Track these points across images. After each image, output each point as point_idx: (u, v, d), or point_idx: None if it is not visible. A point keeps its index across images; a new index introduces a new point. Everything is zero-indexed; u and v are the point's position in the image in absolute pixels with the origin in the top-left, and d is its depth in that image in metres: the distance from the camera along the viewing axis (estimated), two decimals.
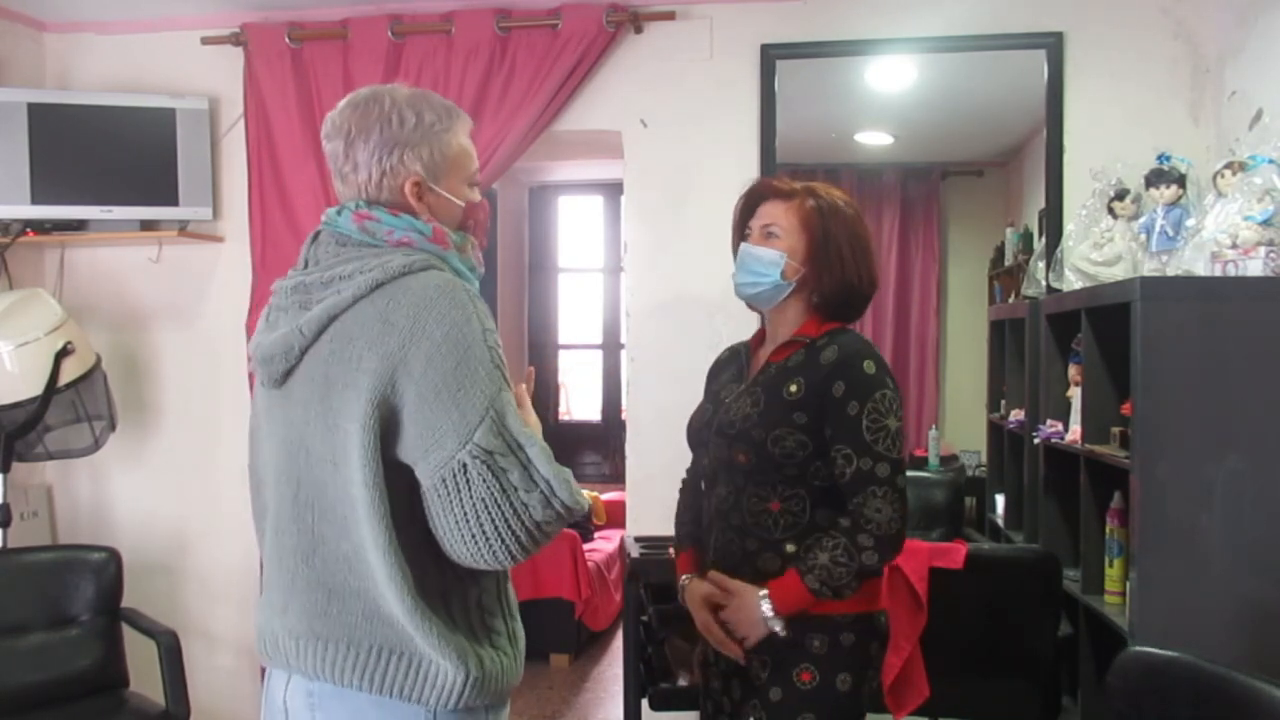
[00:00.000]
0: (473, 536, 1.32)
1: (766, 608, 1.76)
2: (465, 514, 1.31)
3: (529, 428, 1.37)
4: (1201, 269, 2.26)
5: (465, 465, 1.30)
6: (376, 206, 1.47)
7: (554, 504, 1.33)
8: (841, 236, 1.84)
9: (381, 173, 1.46)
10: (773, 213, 1.88)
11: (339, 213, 1.48)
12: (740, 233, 1.94)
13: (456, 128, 1.52)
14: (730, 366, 1.99)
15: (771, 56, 3.18)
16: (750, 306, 1.98)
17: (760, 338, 1.98)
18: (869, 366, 1.77)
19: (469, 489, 1.31)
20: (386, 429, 1.34)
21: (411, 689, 1.38)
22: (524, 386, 1.54)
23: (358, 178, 1.48)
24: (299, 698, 1.45)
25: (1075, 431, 2.65)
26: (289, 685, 1.47)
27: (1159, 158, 2.61)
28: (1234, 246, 2.21)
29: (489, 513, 1.31)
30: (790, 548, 1.80)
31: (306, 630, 1.42)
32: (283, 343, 1.42)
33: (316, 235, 1.51)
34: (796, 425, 1.78)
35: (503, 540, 1.32)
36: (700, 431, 1.95)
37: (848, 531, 1.74)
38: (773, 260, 1.85)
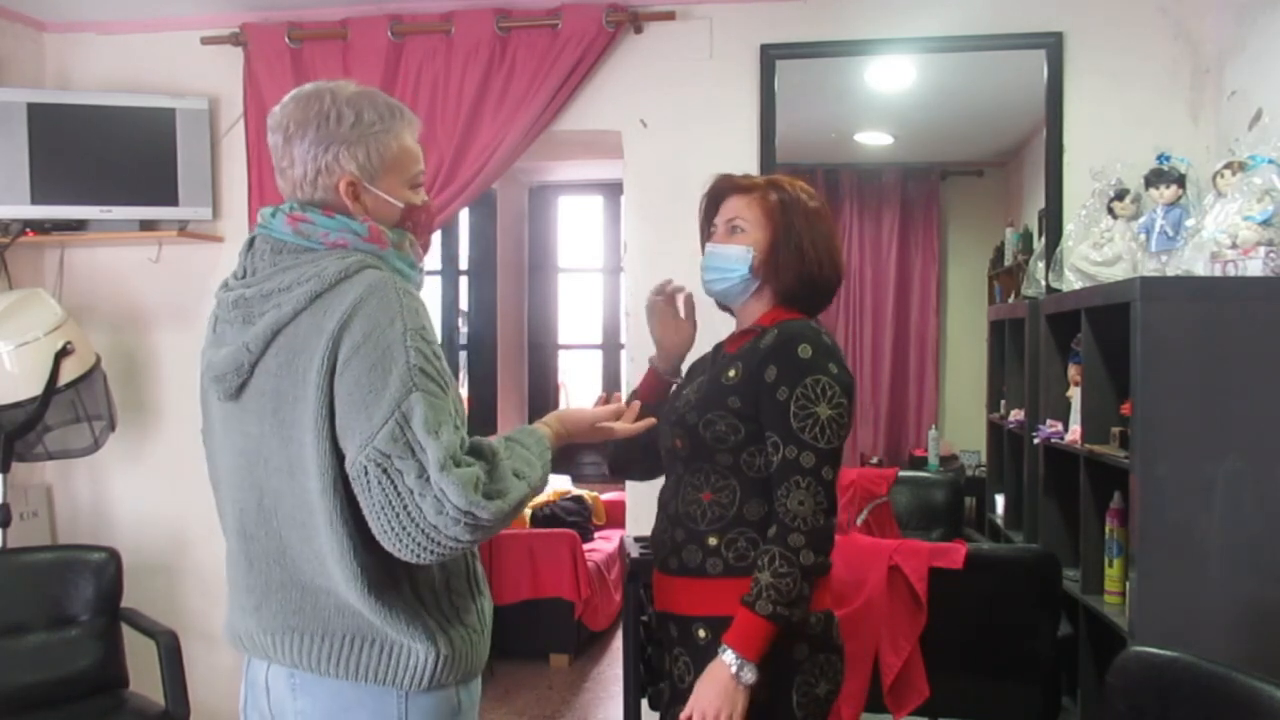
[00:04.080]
0: (381, 533, 1.34)
1: (730, 658, 1.63)
2: (370, 511, 1.34)
3: (446, 431, 1.33)
4: (1201, 269, 2.26)
5: (365, 468, 1.33)
6: (310, 208, 1.47)
7: (447, 508, 1.32)
8: (803, 229, 1.81)
9: (316, 170, 1.46)
10: (736, 206, 1.86)
11: (273, 215, 1.48)
12: (706, 231, 1.93)
13: (398, 128, 1.50)
14: (704, 363, 1.96)
15: (771, 56, 3.18)
16: (720, 306, 1.95)
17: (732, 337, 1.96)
18: (804, 350, 1.71)
19: (369, 490, 1.33)
20: (334, 430, 1.37)
21: (385, 673, 1.43)
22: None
23: (294, 174, 1.48)
24: (281, 680, 1.50)
25: (1075, 431, 2.65)
26: (269, 670, 1.51)
27: (1159, 158, 2.61)
28: (1234, 246, 2.21)
29: (385, 513, 1.33)
30: (713, 540, 1.75)
31: (283, 625, 1.46)
32: (232, 360, 1.44)
33: (252, 241, 1.51)
34: (730, 409, 1.74)
35: (402, 541, 1.33)
36: (659, 425, 1.91)
37: (777, 538, 1.67)
38: (740, 256, 1.82)
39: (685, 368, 2.02)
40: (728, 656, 1.64)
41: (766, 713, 1.70)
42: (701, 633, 1.76)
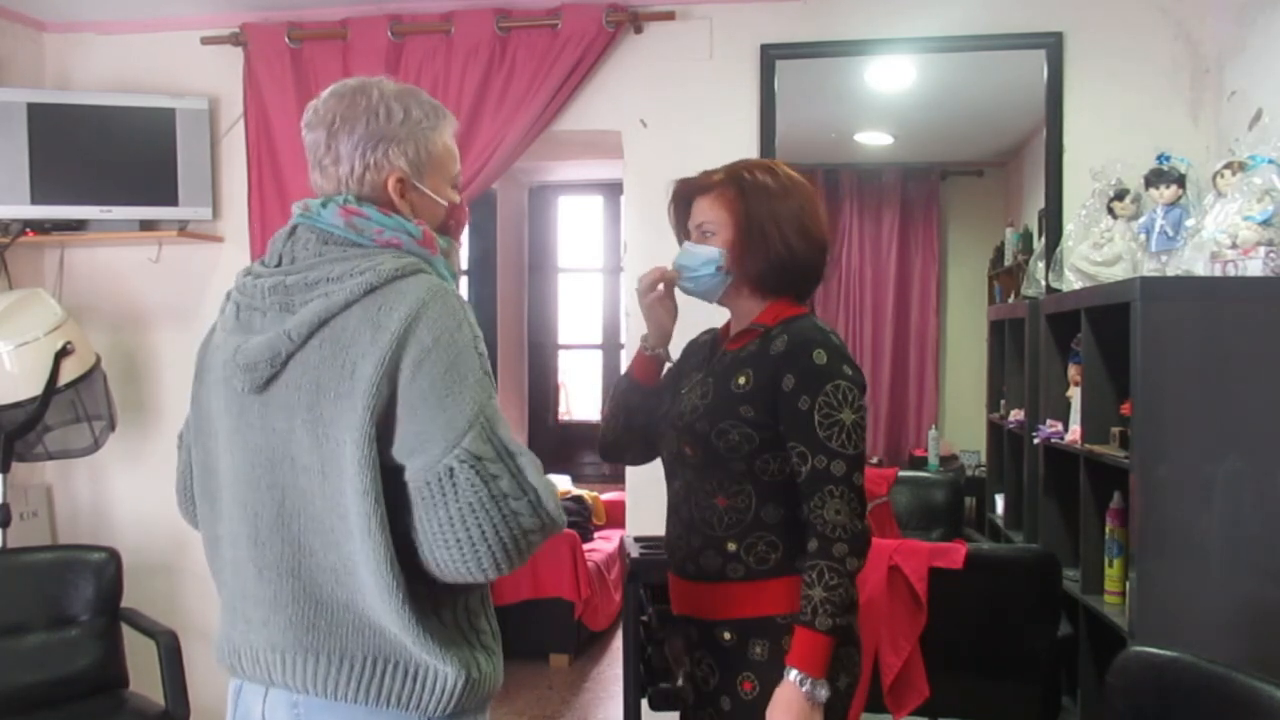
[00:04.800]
0: (457, 543, 1.27)
1: (798, 677, 1.64)
2: (450, 519, 1.27)
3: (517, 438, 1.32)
4: (1201, 269, 2.26)
5: (452, 469, 1.26)
6: (366, 203, 1.41)
7: (540, 514, 1.30)
8: (764, 215, 1.77)
9: (365, 167, 1.41)
10: (702, 209, 1.84)
11: (324, 205, 1.40)
12: (682, 238, 1.91)
13: (442, 126, 1.48)
14: (700, 354, 1.94)
15: (771, 56, 3.18)
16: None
17: (728, 329, 1.93)
18: (819, 356, 1.69)
19: (455, 493, 1.26)
20: (381, 435, 1.29)
21: (410, 697, 1.34)
22: None
23: (338, 170, 1.42)
24: (281, 710, 1.39)
25: (1075, 431, 2.65)
26: (267, 698, 1.41)
27: (1159, 158, 2.61)
28: (1233, 246, 2.21)
29: (475, 518, 1.26)
30: (731, 546, 1.74)
31: (293, 643, 1.36)
32: (268, 348, 1.34)
33: (293, 230, 1.43)
34: (743, 418, 1.72)
35: (489, 547, 1.28)
36: (658, 423, 1.90)
37: (821, 552, 1.66)
38: (708, 258, 1.80)
39: (675, 351, 2.00)
40: (794, 677, 1.64)
41: None
42: (726, 635, 1.76)
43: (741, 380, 1.75)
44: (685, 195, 1.90)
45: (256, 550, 1.39)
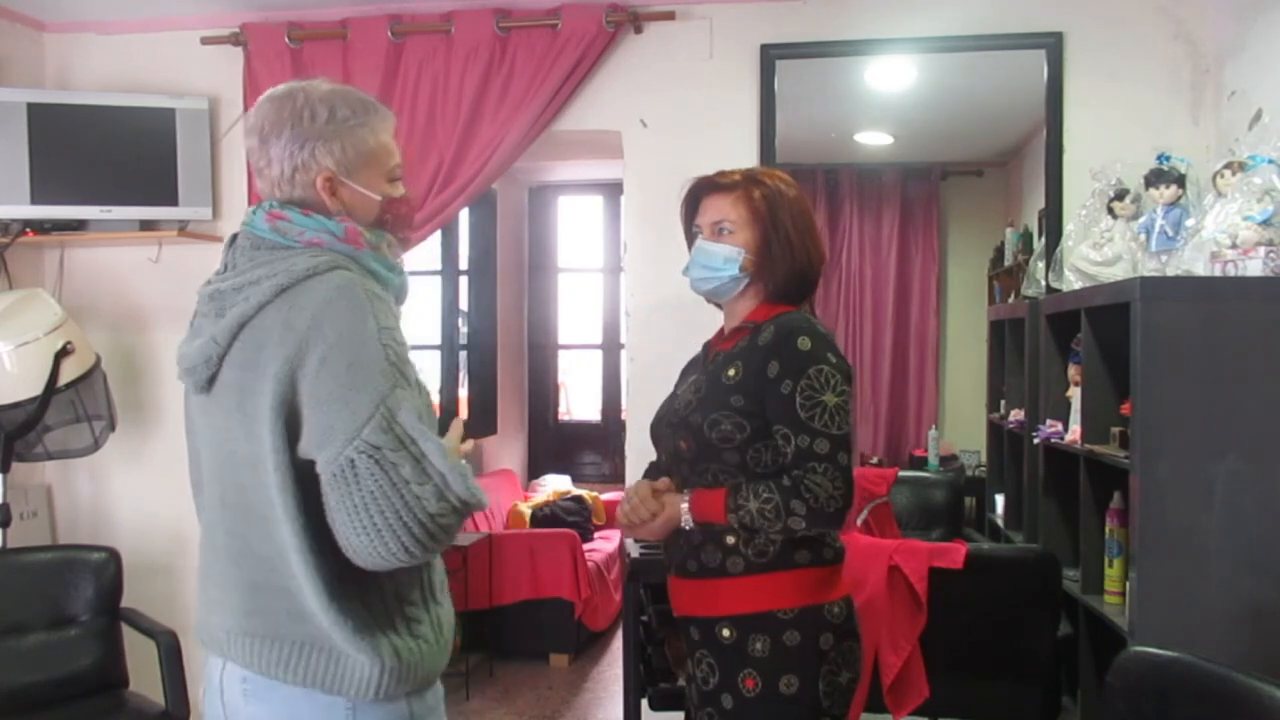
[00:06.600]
0: (364, 530, 1.33)
1: (685, 506, 1.77)
2: (356, 507, 1.32)
3: (426, 425, 1.37)
4: (1201, 269, 2.26)
5: (353, 460, 1.32)
6: (289, 206, 1.48)
7: (449, 497, 1.34)
8: (789, 222, 1.83)
9: (294, 168, 1.48)
10: (720, 207, 1.86)
11: (255, 212, 1.50)
12: (689, 231, 1.93)
13: (373, 123, 1.52)
14: (696, 364, 1.98)
15: (771, 56, 3.18)
16: (708, 300, 1.96)
17: (720, 333, 1.97)
18: (804, 343, 1.73)
19: (358, 483, 1.32)
20: (291, 430, 1.37)
21: (333, 681, 1.42)
22: (457, 421, 1.57)
23: (271, 173, 1.49)
24: (234, 684, 1.48)
25: (1075, 431, 2.65)
26: (224, 669, 1.50)
27: (1159, 158, 2.61)
28: (1233, 246, 2.21)
29: (378, 505, 1.32)
30: (730, 539, 1.76)
31: (238, 626, 1.46)
32: (201, 352, 1.44)
33: (234, 237, 1.53)
34: (733, 408, 1.75)
35: (395, 533, 1.32)
36: (655, 426, 1.94)
37: (786, 490, 1.69)
38: (729, 256, 1.83)
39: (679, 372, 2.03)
40: (685, 505, 1.77)
41: (793, 704, 1.72)
42: (726, 632, 1.77)
43: (731, 372, 1.78)
44: (699, 191, 1.91)
45: (212, 537, 1.52)
